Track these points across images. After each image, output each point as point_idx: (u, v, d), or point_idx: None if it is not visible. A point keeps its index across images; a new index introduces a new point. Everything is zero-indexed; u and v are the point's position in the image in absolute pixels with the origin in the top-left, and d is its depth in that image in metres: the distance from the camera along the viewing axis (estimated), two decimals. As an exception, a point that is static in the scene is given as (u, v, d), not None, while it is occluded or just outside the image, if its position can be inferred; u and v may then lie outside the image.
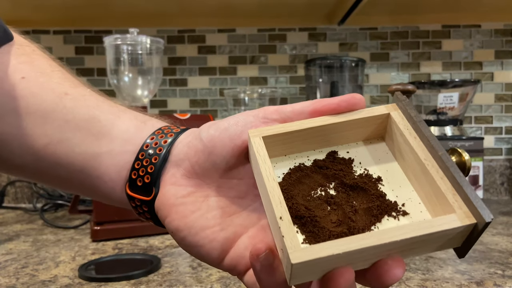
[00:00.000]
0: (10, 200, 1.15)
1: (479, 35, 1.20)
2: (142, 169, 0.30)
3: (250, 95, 1.06)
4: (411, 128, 0.28)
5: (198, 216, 0.28)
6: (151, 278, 0.56)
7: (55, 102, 0.30)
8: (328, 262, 0.22)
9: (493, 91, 1.21)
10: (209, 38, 1.20)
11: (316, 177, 0.28)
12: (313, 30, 1.20)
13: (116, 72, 0.86)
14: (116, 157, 0.31)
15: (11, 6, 1.05)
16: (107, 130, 0.31)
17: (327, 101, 0.29)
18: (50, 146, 0.30)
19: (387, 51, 1.21)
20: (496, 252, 0.66)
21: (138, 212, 0.32)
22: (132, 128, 0.32)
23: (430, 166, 0.25)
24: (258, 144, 0.27)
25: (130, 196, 0.31)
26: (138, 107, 0.84)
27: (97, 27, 1.18)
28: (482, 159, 0.90)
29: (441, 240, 0.23)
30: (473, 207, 0.23)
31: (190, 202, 0.29)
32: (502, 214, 0.96)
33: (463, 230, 0.23)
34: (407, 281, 0.55)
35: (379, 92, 1.21)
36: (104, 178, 0.31)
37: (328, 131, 0.29)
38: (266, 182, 0.25)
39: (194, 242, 0.28)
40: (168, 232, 0.30)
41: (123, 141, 0.31)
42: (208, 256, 0.28)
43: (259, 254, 0.24)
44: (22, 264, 0.63)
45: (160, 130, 0.32)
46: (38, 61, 0.33)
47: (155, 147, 0.30)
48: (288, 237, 0.22)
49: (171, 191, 0.29)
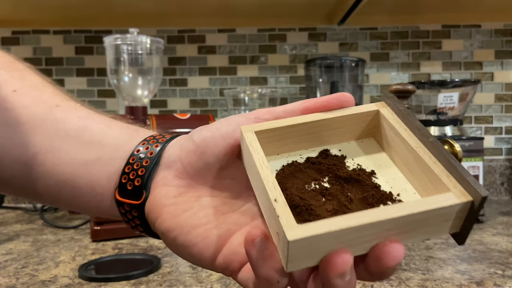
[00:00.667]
0: (10, 200, 1.15)
1: (479, 35, 1.20)
2: (132, 172, 0.29)
3: (250, 95, 1.06)
4: (400, 121, 0.28)
5: (190, 215, 0.28)
6: (151, 278, 0.56)
7: (46, 113, 0.30)
8: (325, 241, 0.21)
9: (493, 91, 1.21)
10: (209, 38, 1.20)
11: (309, 172, 0.28)
12: (313, 30, 1.20)
13: (116, 72, 0.86)
14: (107, 163, 0.30)
15: (11, 6, 1.05)
16: (97, 139, 0.31)
17: (318, 99, 0.29)
18: (39, 155, 0.30)
19: (387, 51, 1.21)
20: (496, 252, 0.66)
21: (127, 219, 0.31)
22: (123, 135, 0.31)
23: (422, 152, 0.26)
24: (251, 138, 0.27)
25: (119, 202, 0.30)
26: (138, 107, 0.84)
27: (97, 27, 1.18)
28: (482, 159, 0.90)
29: (439, 221, 0.23)
30: (468, 185, 0.23)
31: (182, 202, 0.28)
32: (502, 214, 0.96)
33: (460, 210, 0.23)
34: (407, 281, 0.55)
35: (379, 92, 1.21)
36: (93, 185, 0.30)
37: (319, 128, 0.29)
38: (260, 170, 0.25)
39: (186, 241, 0.28)
40: (159, 234, 0.29)
41: (114, 148, 0.31)
42: (200, 255, 0.28)
43: (254, 239, 0.23)
44: (22, 264, 0.63)
45: (151, 136, 0.31)
46: (30, 76, 0.33)
47: (146, 151, 0.30)
48: (284, 217, 0.22)
49: (162, 192, 0.29)
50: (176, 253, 0.29)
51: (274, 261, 0.24)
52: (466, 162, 0.90)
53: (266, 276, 0.24)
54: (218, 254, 0.28)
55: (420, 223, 0.23)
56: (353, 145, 0.30)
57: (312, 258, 0.22)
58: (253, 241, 0.23)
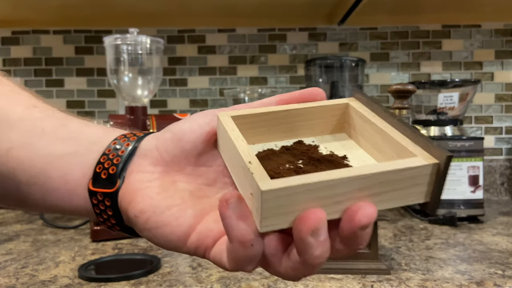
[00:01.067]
0: (10, 200, 1.15)
1: (479, 35, 1.20)
2: (107, 162, 0.29)
3: (250, 95, 1.06)
4: (369, 110, 0.30)
5: (164, 197, 0.28)
6: (151, 278, 0.56)
7: (24, 113, 0.31)
8: (298, 198, 0.22)
9: (493, 91, 1.21)
10: (209, 38, 1.20)
11: (284, 156, 0.29)
12: (313, 30, 1.20)
13: (116, 72, 0.86)
14: (82, 157, 0.30)
15: (11, 6, 1.05)
16: (74, 135, 0.31)
17: (292, 93, 0.31)
18: (13, 150, 0.30)
19: (387, 51, 1.21)
20: (496, 252, 0.66)
21: (99, 211, 0.30)
22: (100, 132, 0.32)
23: (390, 130, 0.27)
24: (227, 120, 0.28)
25: (92, 192, 0.29)
26: (138, 107, 0.84)
27: (97, 27, 1.18)
28: (482, 159, 0.90)
29: (408, 185, 0.24)
30: (433, 150, 0.24)
31: (157, 186, 0.28)
32: (502, 214, 0.96)
33: (429, 174, 0.24)
34: (407, 281, 0.55)
35: (379, 92, 1.21)
36: (66, 178, 0.30)
37: (292, 118, 0.30)
38: (235, 142, 0.25)
39: (159, 221, 0.27)
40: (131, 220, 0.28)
41: (90, 143, 0.31)
42: (173, 234, 0.27)
43: (229, 199, 0.23)
44: (22, 264, 0.63)
45: (131, 133, 0.32)
46: (8, 81, 0.33)
47: (123, 143, 0.30)
48: (258, 173, 0.22)
49: (136, 177, 0.29)
50: (149, 236, 0.28)
51: (248, 222, 0.23)
52: (466, 162, 0.90)
53: (240, 237, 0.23)
54: (192, 233, 0.27)
55: (390, 185, 0.23)
56: (326, 137, 0.32)
57: (286, 217, 0.23)
58: (227, 202, 0.23)
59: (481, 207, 0.89)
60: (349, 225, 0.23)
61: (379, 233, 0.79)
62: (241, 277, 0.56)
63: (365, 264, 0.59)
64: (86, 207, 0.31)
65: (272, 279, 0.55)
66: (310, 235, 0.22)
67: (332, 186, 0.22)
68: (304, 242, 0.22)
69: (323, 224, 0.22)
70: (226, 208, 0.23)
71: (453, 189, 0.90)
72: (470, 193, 0.90)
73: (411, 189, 0.24)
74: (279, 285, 0.54)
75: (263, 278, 0.56)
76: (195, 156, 0.29)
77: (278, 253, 0.25)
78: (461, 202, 0.89)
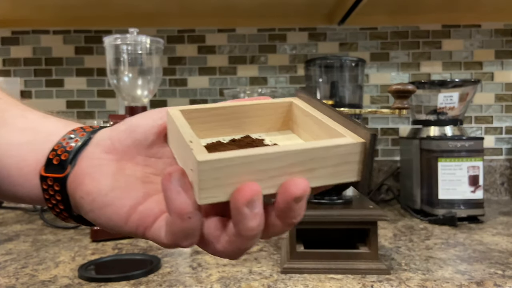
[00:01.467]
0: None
1: (479, 35, 1.20)
2: (61, 149, 0.30)
3: (250, 95, 1.06)
4: (310, 106, 0.32)
5: (111, 180, 0.29)
6: (151, 278, 0.56)
7: None
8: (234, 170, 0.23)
9: (493, 91, 1.21)
10: (209, 38, 1.20)
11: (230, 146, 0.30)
12: (313, 30, 1.20)
13: (116, 72, 0.86)
14: (38, 145, 0.31)
15: (11, 6, 1.05)
16: (34, 126, 0.32)
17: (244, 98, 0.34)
18: None
19: (387, 51, 1.21)
20: (496, 252, 0.66)
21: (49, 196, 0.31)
22: (59, 124, 0.33)
23: (326, 119, 0.29)
24: (177, 113, 0.30)
25: (43, 177, 0.30)
26: (138, 107, 0.84)
27: (97, 27, 1.18)
28: (482, 159, 0.90)
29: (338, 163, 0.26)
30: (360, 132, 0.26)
31: (105, 170, 0.29)
32: (502, 214, 0.96)
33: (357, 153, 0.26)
34: (407, 281, 0.55)
35: (379, 92, 1.21)
36: (21, 165, 0.31)
37: (240, 114, 0.33)
38: (180, 128, 0.27)
39: (103, 202, 0.28)
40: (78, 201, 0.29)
41: (48, 134, 0.32)
42: (114, 214, 0.28)
43: (172, 173, 0.25)
44: (22, 264, 0.63)
45: (89, 126, 0.33)
46: None
47: (78, 133, 0.31)
48: (196, 148, 0.24)
49: (87, 163, 0.30)
50: (93, 218, 0.29)
51: (188, 194, 0.25)
52: (466, 162, 0.90)
53: (179, 209, 0.25)
54: (133, 213, 0.28)
55: (320, 162, 0.25)
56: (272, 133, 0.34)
57: (224, 189, 0.24)
58: (170, 175, 0.25)
59: (481, 207, 0.89)
60: (283, 197, 0.24)
61: (379, 233, 0.79)
62: (241, 277, 0.56)
63: (365, 264, 0.59)
64: (37, 193, 0.31)
65: (272, 279, 0.56)
66: (245, 205, 0.23)
67: (265, 160, 0.24)
68: (239, 212, 0.23)
69: (257, 197, 0.23)
70: (168, 181, 0.25)
71: (453, 189, 0.90)
72: (470, 193, 0.90)
73: (341, 167, 0.26)
74: (279, 285, 0.54)
75: (263, 278, 0.56)
76: (146, 147, 0.30)
77: (217, 232, 0.26)
78: (461, 202, 0.89)
